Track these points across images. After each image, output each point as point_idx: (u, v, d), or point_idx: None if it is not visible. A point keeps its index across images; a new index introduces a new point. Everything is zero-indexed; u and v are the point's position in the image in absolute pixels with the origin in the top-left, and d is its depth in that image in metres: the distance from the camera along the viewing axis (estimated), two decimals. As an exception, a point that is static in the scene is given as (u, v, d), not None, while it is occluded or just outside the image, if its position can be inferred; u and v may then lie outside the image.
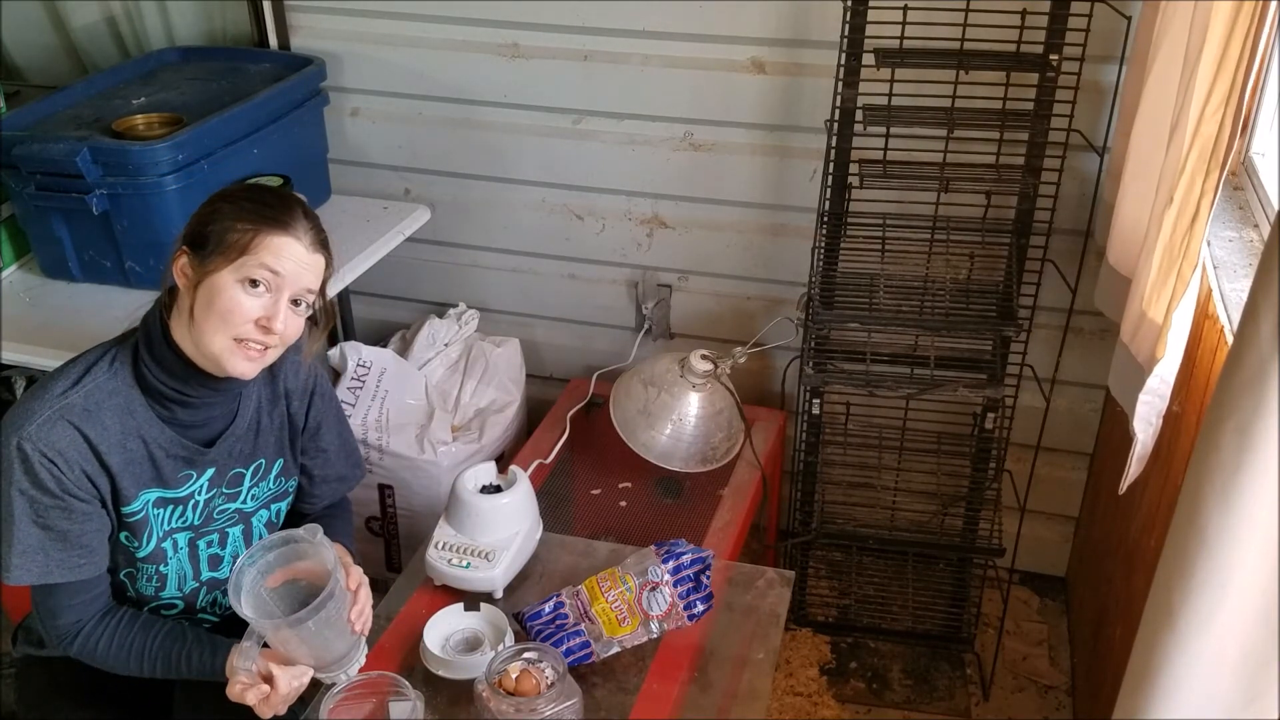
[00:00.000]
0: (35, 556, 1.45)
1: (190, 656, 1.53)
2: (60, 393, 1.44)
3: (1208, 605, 1.08)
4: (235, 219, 1.44)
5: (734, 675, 1.63)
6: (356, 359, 2.44)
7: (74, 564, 1.47)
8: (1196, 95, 1.38)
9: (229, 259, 1.43)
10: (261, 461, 1.64)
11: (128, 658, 1.53)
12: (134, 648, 1.53)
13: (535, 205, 2.60)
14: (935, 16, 1.95)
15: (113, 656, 1.53)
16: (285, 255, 1.45)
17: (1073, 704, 2.32)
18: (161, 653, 1.53)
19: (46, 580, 1.47)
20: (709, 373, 2.27)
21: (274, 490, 1.68)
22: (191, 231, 1.47)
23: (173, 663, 1.53)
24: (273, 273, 1.44)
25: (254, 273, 1.43)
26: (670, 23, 2.31)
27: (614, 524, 2.22)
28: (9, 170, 2.13)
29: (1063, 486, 2.54)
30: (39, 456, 1.41)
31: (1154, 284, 1.52)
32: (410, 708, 1.45)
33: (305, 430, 1.70)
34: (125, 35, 2.74)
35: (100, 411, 1.45)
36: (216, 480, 1.59)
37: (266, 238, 1.44)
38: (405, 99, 2.56)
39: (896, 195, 2.21)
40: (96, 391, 1.45)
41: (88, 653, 1.53)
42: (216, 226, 1.44)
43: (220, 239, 1.43)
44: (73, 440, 1.43)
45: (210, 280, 1.43)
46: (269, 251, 1.44)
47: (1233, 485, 1.02)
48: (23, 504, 1.43)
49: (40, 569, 1.46)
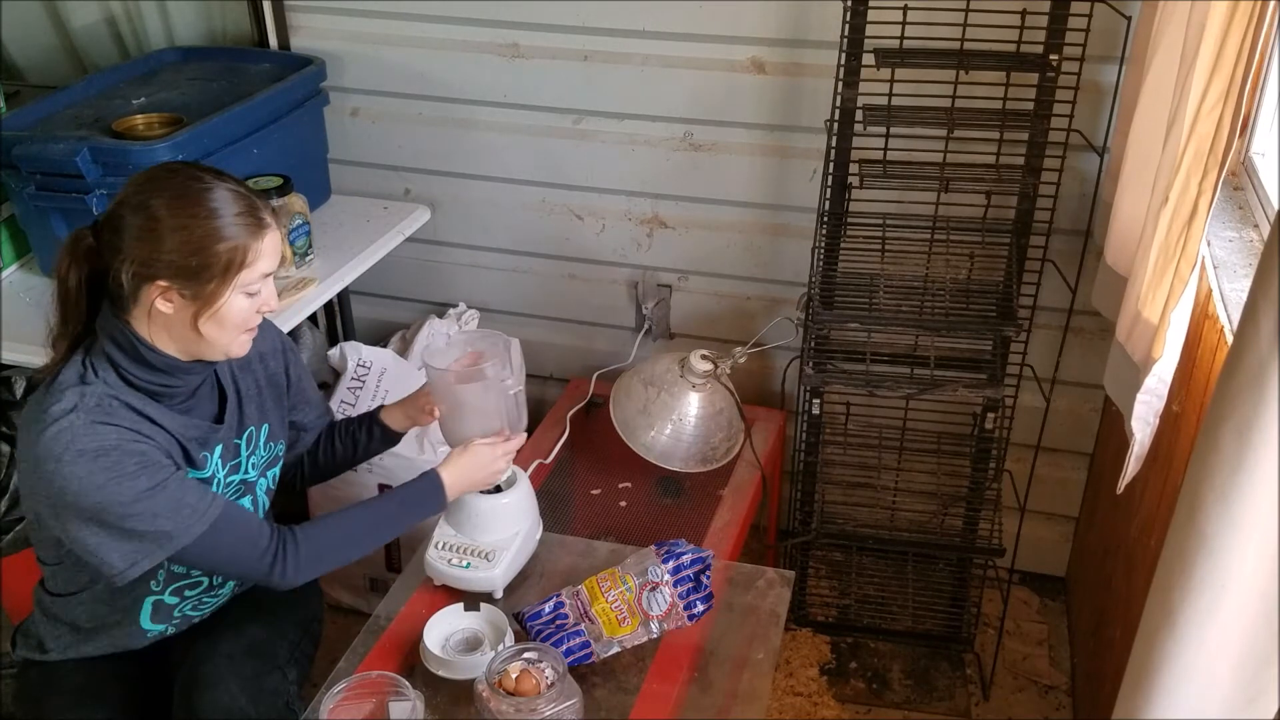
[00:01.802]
0: (181, 514, 1.44)
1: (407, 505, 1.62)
2: (70, 409, 1.41)
3: (1208, 605, 1.08)
4: (207, 241, 1.40)
5: (734, 675, 1.63)
6: (356, 359, 2.44)
7: (210, 497, 1.48)
8: (1193, 94, 1.38)
9: (227, 280, 1.43)
10: (252, 429, 1.64)
11: (358, 538, 1.60)
12: (355, 527, 1.60)
13: (535, 205, 2.60)
14: (935, 16, 1.95)
15: (343, 544, 1.59)
16: (274, 251, 1.47)
17: (1073, 704, 2.32)
18: (382, 519, 1.62)
19: (210, 519, 1.46)
20: (709, 373, 2.27)
21: (267, 456, 1.69)
22: (158, 271, 1.41)
23: (396, 522, 1.64)
24: (268, 274, 1.47)
25: (255, 285, 1.46)
26: (670, 23, 2.31)
27: (614, 524, 2.22)
28: (9, 170, 2.13)
29: (1063, 486, 2.54)
30: (102, 454, 1.39)
31: (1149, 283, 1.52)
32: (410, 708, 1.45)
33: (290, 387, 1.72)
34: (125, 35, 2.74)
35: (117, 412, 1.45)
36: (226, 455, 1.60)
37: (256, 245, 1.44)
38: (405, 99, 2.56)
39: (896, 195, 2.21)
40: (103, 399, 1.44)
41: (314, 550, 1.54)
42: (191, 254, 1.40)
43: (207, 268, 1.41)
44: (115, 432, 1.42)
45: (215, 304, 1.43)
46: (262, 257, 1.45)
47: (1232, 485, 1.02)
48: (128, 492, 1.40)
49: (196, 517, 1.45)
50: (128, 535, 1.43)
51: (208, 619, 1.70)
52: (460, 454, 1.68)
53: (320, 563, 1.56)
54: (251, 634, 1.68)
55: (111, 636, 1.64)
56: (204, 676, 1.59)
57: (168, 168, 1.49)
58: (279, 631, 1.72)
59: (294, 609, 1.77)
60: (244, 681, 1.59)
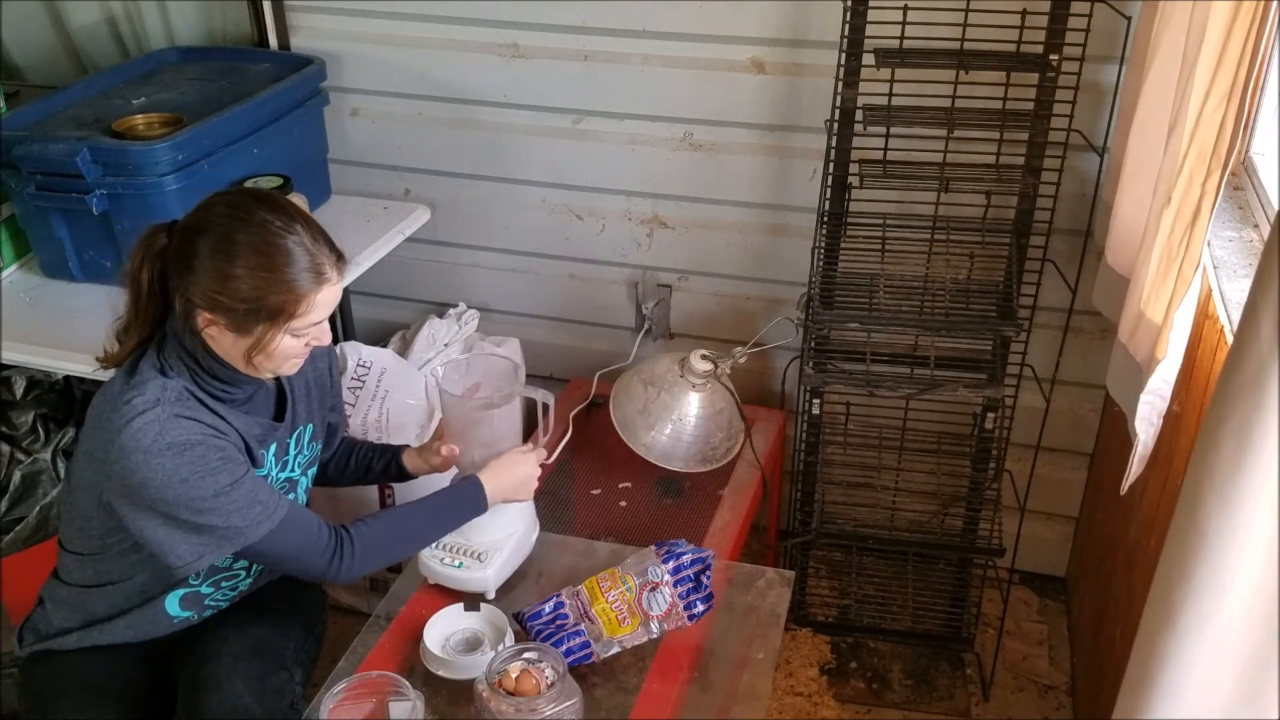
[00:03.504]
0: (254, 510, 1.47)
1: (453, 508, 1.65)
2: (153, 402, 1.43)
3: (1208, 605, 1.08)
4: (266, 289, 1.41)
5: (734, 675, 1.63)
6: (356, 359, 2.44)
7: (278, 495, 1.52)
8: (1195, 95, 1.38)
9: (279, 325, 1.44)
10: (300, 429, 1.67)
11: (409, 537, 1.64)
12: (409, 528, 1.64)
13: (535, 205, 2.60)
14: (935, 16, 1.95)
15: (396, 542, 1.63)
16: (328, 303, 1.48)
17: (1073, 704, 2.32)
18: (430, 520, 1.65)
19: (278, 517, 1.49)
20: (709, 373, 2.27)
21: (309, 456, 1.71)
22: (217, 303, 1.43)
23: (442, 524, 1.66)
24: (320, 323, 1.49)
25: (306, 332, 1.47)
26: (670, 23, 2.31)
27: (614, 524, 2.22)
28: (9, 170, 2.13)
29: (1063, 486, 2.54)
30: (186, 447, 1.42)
31: (1152, 284, 1.52)
32: (410, 708, 1.45)
33: (333, 387, 1.75)
34: (125, 35, 2.74)
35: (196, 410, 1.47)
36: (278, 453, 1.62)
37: (310, 299, 1.45)
38: (405, 99, 2.56)
39: (896, 195, 2.21)
40: (182, 395, 1.47)
41: (371, 550, 1.58)
42: (247, 299, 1.41)
43: (257, 312, 1.42)
44: (196, 426, 1.45)
45: (262, 344, 1.45)
46: (314, 310, 1.46)
47: (1232, 485, 1.02)
48: (208, 486, 1.43)
49: (267, 515, 1.48)
50: (199, 530, 1.46)
51: (213, 619, 1.70)
52: (499, 462, 1.71)
53: (372, 561, 1.60)
54: (256, 634, 1.68)
55: (130, 620, 1.64)
56: (209, 676, 1.59)
57: (256, 197, 1.49)
58: (284, 632, 1.73)
59: (298, 609, 1.78)
60: (249, 681, 1.59)
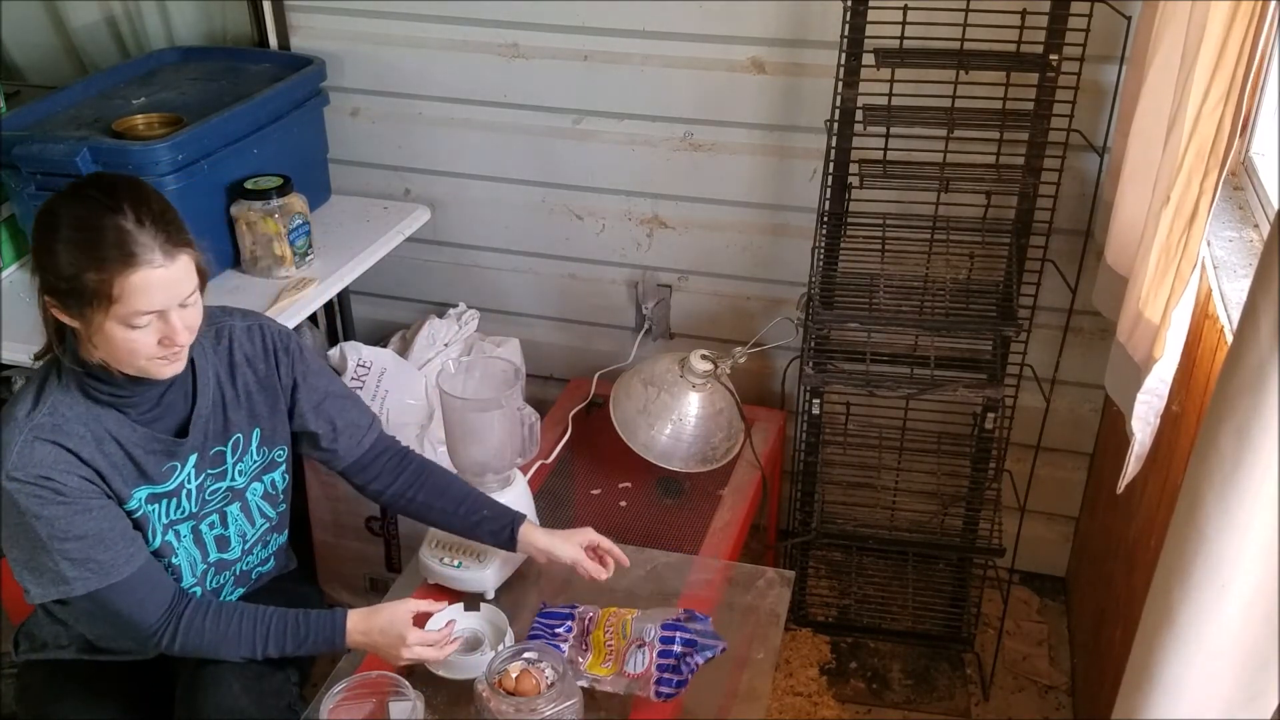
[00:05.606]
0: (87, 565, 1.44)
1: (307, 634, 1.55)
2: (25, 414, 1.43)
3: (1208, 605, 1.08)
4: (80, 266, 1.35)
5: (734, 675, 1.63)
6: (356, 359, 2.44)
7: (127, 555, 1.47)
8: (1194, 94, 1.38)
9: (101, 309, 1.36)
10: (238, 436, 1.61)
11: (237, 643, 1.54)
12: (242, 633, 1.54)
13: (535, 205, 2.60)
14: (935, 16, 1.95)
15: (221, 644, 1.54)
16: (150, 289, 1.36)
17: (1073, 704, 2.32)
18: (274, 634, 1.55)
19: (111, 579, 1.46)
20: (709, 373, 2.27)
21: (260, 462, 1.66)
22: (46, 281, 1.40)
23: (287, 643, 1.56)
24: (148, 312, 1.38)
25: (132, 319, 1.37)
26: (670, 23, 2.31)
27: (614, 524, 2.22)
28: (9, 170, 2.13)
29: (1062, 486, 2.54)
30: (31, 482, 1.40)
31: (1151, 283, 1.52)
32: (410, 708, 1.45)
33: (293, 389, 1.65)
34: (125, 35, 2.74)
35: (68, 424, 1.44)
36: (201, 464, 1.58)
37: (122, 280, 1.35)
38: (405, 99, 2.56)
39: (896, 195, 2.21)
40: (59, 405, 1.44)
41: (193, 642, 1.52)
42: (66, 276, 1.36)
43: (79, 292, 1.36)
44: (55, 455, 1.42)
45: (96, 329, 1.38)
46: (133, 294, 1.36)
47: (1232, 485, 1.02)
48: (43, 527, 1.42)
49: (99, 573, 1.45)
50: (33, 569, 1.46)
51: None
52: (380, 616, 1.57)
53: (196, 650, 1.54)
54: None
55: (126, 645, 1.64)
56: (206, 677, 1.58)
57: (98, 178, 1.47)
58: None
59: None
60: (247, 682, 1.58)
